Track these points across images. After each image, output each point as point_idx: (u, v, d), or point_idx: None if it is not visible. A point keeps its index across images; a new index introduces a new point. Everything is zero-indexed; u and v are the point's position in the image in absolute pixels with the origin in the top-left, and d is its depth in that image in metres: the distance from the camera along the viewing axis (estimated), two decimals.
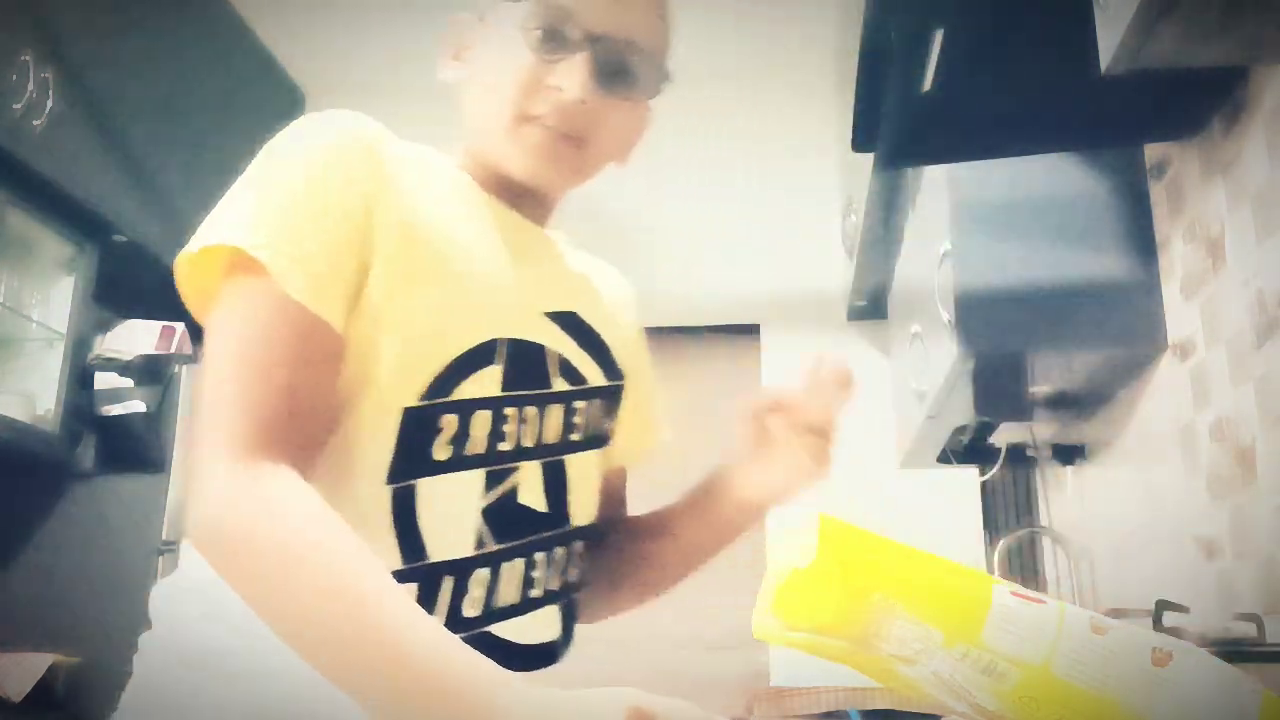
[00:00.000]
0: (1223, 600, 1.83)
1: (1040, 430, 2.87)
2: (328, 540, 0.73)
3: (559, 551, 0.96)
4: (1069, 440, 2.76)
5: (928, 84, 1.83)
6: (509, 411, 0.91)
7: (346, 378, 0.84)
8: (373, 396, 0.84)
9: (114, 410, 2.82)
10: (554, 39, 0.92)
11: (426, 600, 0.83)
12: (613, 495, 1.16)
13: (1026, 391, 2.49)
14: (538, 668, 0.91)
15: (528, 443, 0.93)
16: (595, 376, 1.02)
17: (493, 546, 0.88)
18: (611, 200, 3.82)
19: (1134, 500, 2.32)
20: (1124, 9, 1.25)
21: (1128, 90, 1.73)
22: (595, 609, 1.12)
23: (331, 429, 0.83)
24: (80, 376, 2.79)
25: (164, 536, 2.77)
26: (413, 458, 0.85)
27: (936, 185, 2.31)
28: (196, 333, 3.04)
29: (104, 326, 2.95)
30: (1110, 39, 1.31)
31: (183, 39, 3.13)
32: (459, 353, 0.88)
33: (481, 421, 0.89)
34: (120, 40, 2.83)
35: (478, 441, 0.88)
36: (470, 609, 0.86)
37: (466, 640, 0.70)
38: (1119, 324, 2.10)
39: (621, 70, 0.94)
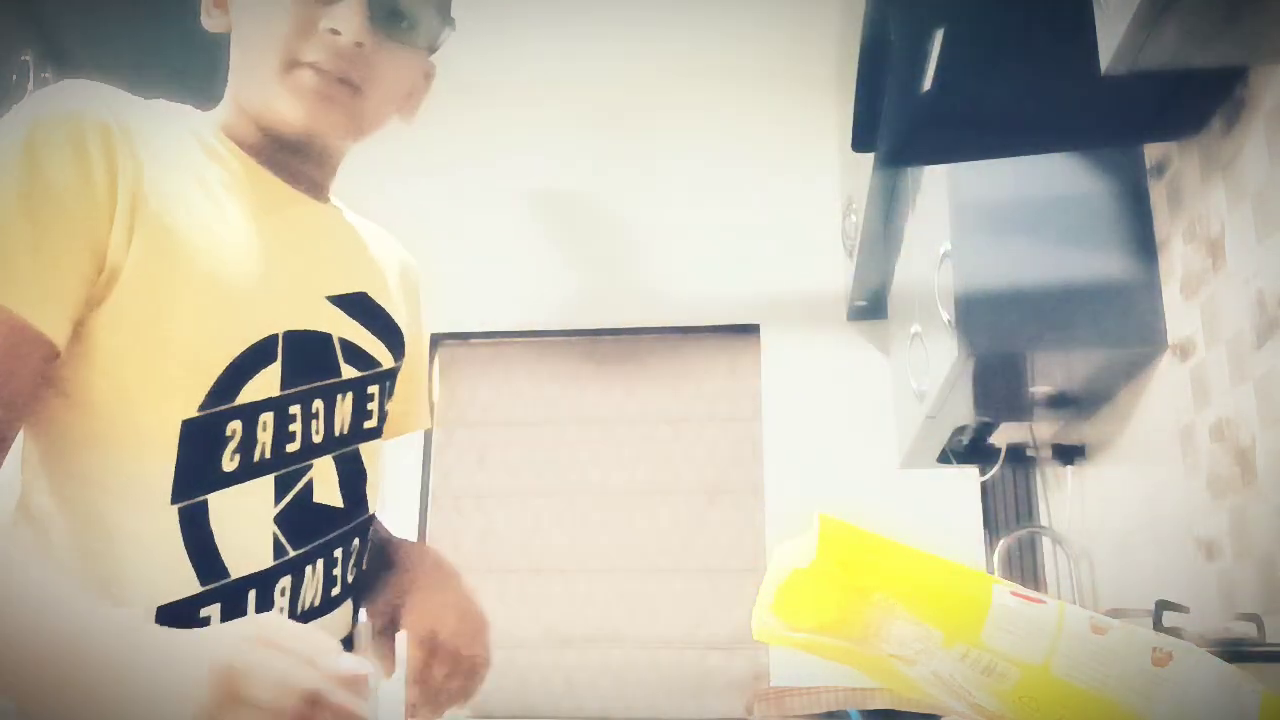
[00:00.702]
0: (1223, 600, 1.83)
1: (1040, 430, 2.87)
2: None
3: (355, 543, 0.93)
4: (1069, 440, 2.76)
5: (928, 84, 1.83)
6: (294, 410, 0.86)
7: (101, 394, 0.78)
8: (141, 411, 0.79)
9: None
10: None
11: (232, 614, 0.80)
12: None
13: (1026, 391, 2.49)
14: None
15: (318, 438, 0.89)
16: (386, 358, 0.98)
17: (292, 552, 0.85)
18: (612, 200, 3.82)
19: (1134, 500, 2.32)
20: (1124, 9, 1.25)
21: (1128, 90, 1.73)
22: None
23: (15, 434, 0.77)
24: None
25: None
26: (199, 472, 0.80)
27: (936, 185, 2.31)
28: None
29: None
30: (1110, 39, 1.31)
31: (183, 39, 3.13)
32: (235, 354, 0.83)
33: (267, 423, 0.84)
34: (120, 41, 2.84)
35: (266, 445, 0.84)
36: None
37: None
38: (1119, 324, 2.10)
39: (398, 14, 0.90)
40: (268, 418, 0.84)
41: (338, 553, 0.90)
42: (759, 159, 3.69)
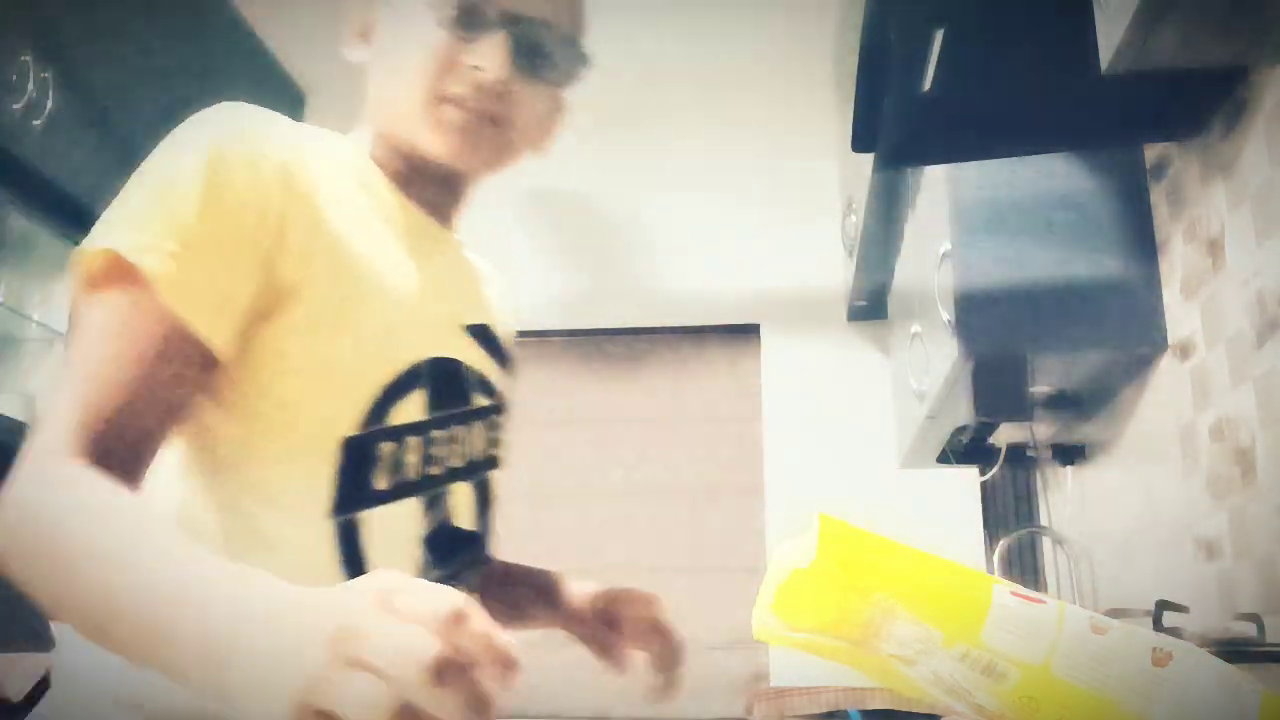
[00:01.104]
0: (1223, 600, 1.83)
1: (1040, 430, 2.87)
2: (116, 529, 0.65)
3: (478, 568, 0.96)
4: (1069, 440, 2.76)
5: (928, 84, 1.83)
6: (437, 434, 0.89)
7: (263, 407, 0.81)
8: (303, 426, 0.81)
9: None
10: (471, 17, 0.89)
11: None
12: None
13: (1026, 392, 2.49)
14: None
15: (457, 464, 0.92)
16: (504, 389, 1.03)
17: (433, 574, 0.87)
18: (610, 201, 3.82)
19: (1134, 500, 2.32)
20: (1124, 9, 1.25)
21: (1128, 90, 1.73)
22: None
23: (167, 437, 0.77)
24: None
25: None
26: (354, 489, 0.82)
27: (936, 185, 2.31)
28: None
29: None
30: (1110, 39, 1.31)
31: (184, 39, 3.13)
32: (392, 376, 0.85)
33: (415, 446, 0.87)
34: (120, 40, 2.84)
35: (412, 467, 0.87)
36: None
37: None
38: (1119, 324, 2.10)
39: (539, 52, 0.92)
40: (415, 441, 0.87)
41: (470, 581, 0.94)
42: (759, 159, 3.69)
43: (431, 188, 0.97)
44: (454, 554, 0.90)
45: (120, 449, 0.73)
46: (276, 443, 0.81)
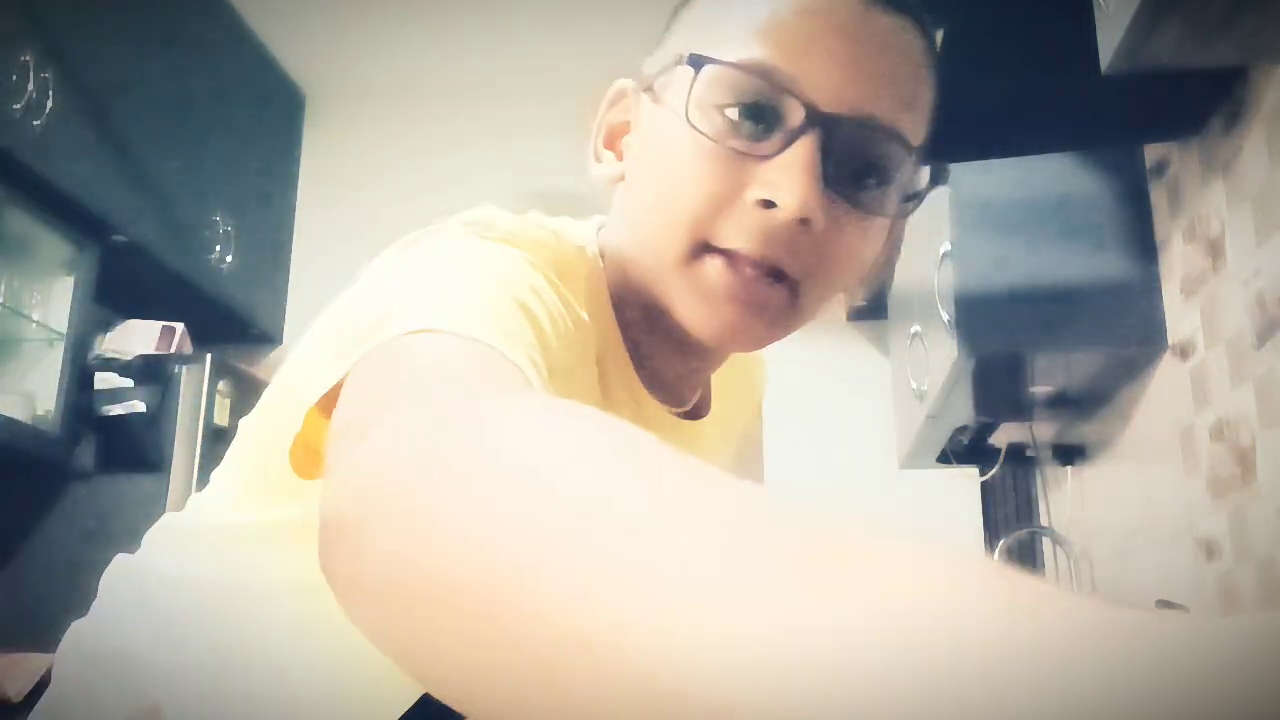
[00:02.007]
0: (1223, 600, 1.83)
1: (1040, 430, 2.87)
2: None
3: None
4: (1069, 440, 2.76)
5: None
6: None
7: None
8: None
9: (114, 410, 2.82)
10: (762, 121, 0.60)
11: None
12: None
13: (1026, 392, 2.49)
14: None
15: None
16: None
17: None
18: (608, 202, 3.82)
19: (1134, 501, 2.32)
20: (1124, 9, 1.25)
21: (1128, 90, 1.73)
22: None
23: None
24: (80, 376, 2.79)
25: None
26: None
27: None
28: (198, 335, 3.05)
29: (104, 326, 2.95)
30: (1110, 39, 1.31)
31: (183, 40, 3.13)
32: None
33: None
34: (120, 40, 2.84)
35: None
36: None
37: None
38: (1119, 324, 2.10)
39: (866, 170, 0.63)
40: None
41: None
42: None
43: (670, 361, 0.70)
44: None
45: None
46: None
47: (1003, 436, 2.87)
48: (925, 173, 0.69)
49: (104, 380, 2.84)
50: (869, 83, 0.61)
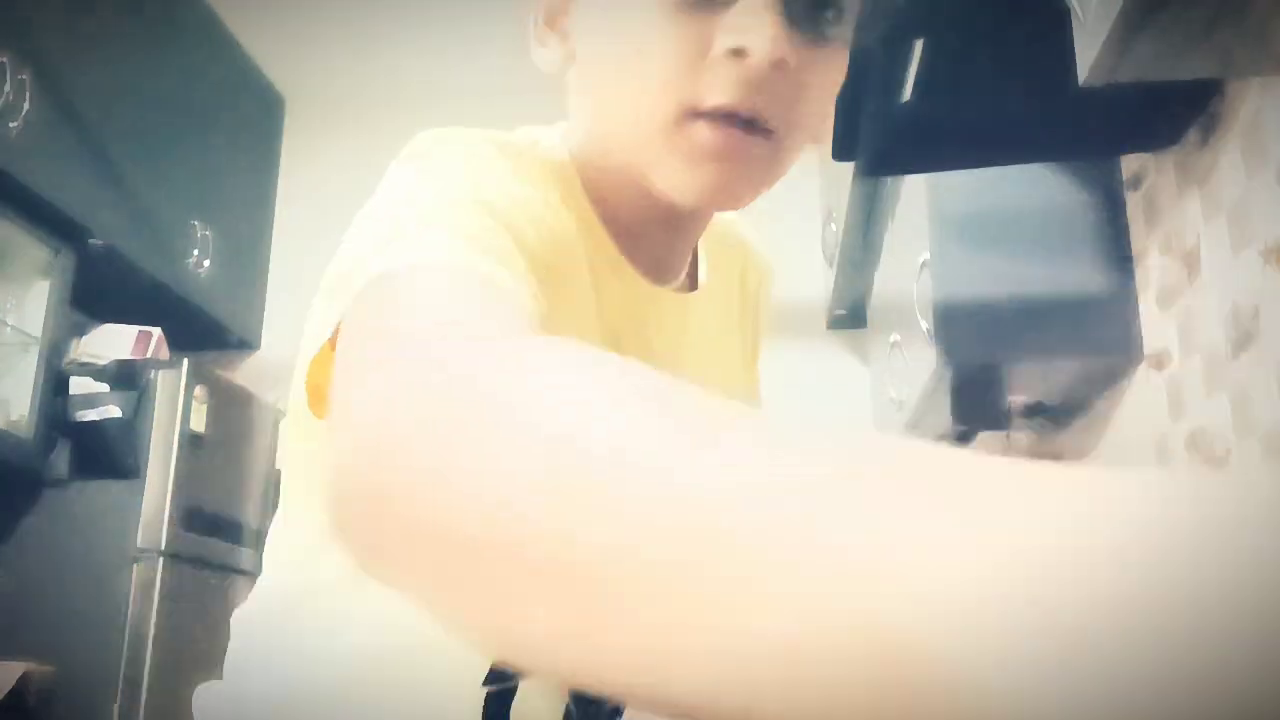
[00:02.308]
0: None
1: (1017, 440, 2.88)
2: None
3: None
4: (1046, 450, 2.77)
5: (907, 94, 1.84)
6: None
7: None
8: None
9: (89, 416, 2.80)
10: None
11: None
12: None
13: (1004, 401, 2.51)
14: None
15: None
16: None
17: None
18: None
19: None
20: (1101, 22, 1.26)
21: (1105, 102, 1.74)
22: None
23: None
24: (55, 382, 2.77)
25: (139, 544, 2.74)
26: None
27: (916, 195, 2.32)
28: (175, 340, 3.03)
29: (79, 331, 2.93)
30: (1088, 52, 1.32)
31: (162, 43, 3.11)
32: None
33: None
34: (98, 44, 2.82)
35: None
36: None
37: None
38: (1095, 335, 2.11)
39: (823, 2, 0.62)
40: None
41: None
42: None
43: (653, 238, 0.70)
44: None
45: None
46: None
47: (980, 446, 2.88)
48: None
49: (79, 385, 2.82)
50: None
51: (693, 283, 0.77)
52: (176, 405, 2.86)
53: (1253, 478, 0.20)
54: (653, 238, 0.70)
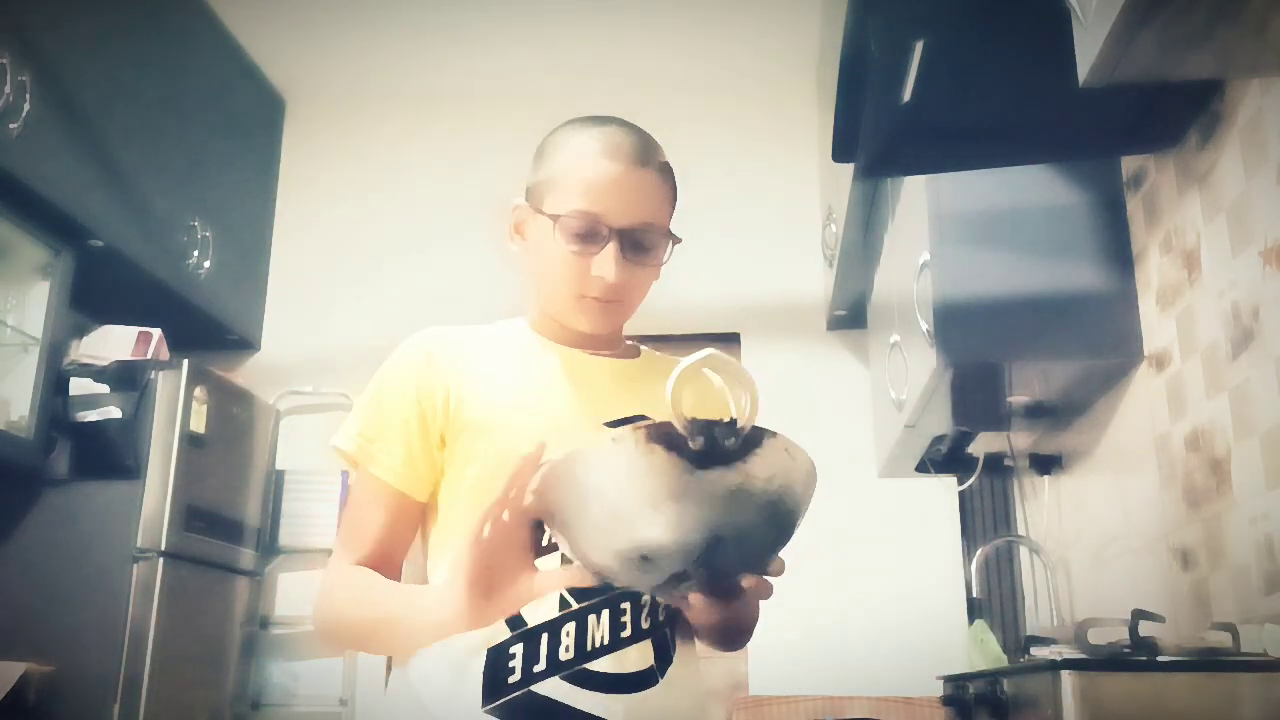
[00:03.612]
0: (1198, 609, 1.84)
1: (1018, 440, 2.88)
2: (366, 594, 1.18)
3: (644, 598, 1.15)
4: (1046, 450, 2.77)
5: (907, 95, 1.84)
6: None
7: (443, 506, 1.21)
8: (465, 512, 1.15)
9: (89, 416, 2.80)
10: (590, 237, 1.18)
11: (531, 654, 1.10)
12: None
13: (1004, 401, 2.51)
14: (634, 690, 1.12)
15: None
16: None
17: (575, 605, 1.12)
18: None
19: (1110, 510, 2.33)
20: (1102, 23, 1.26)
21: (1105, 102, 1.74)
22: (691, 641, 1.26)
23: (405, 555, 1.23)
24: (55, 382, 2.76)
25: (138, 544, 2.74)
26: None
27: (916, 196, 2.32)
28: (175, 341, 3.03)
29: (80, 332, 2.93)
30: (1088, 52, 1.32)
31: (162, 44, 3.11)
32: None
33: None
34: (98, 45, 2.82)
35: None
36: (564, 654, 1.11)
37: (566, 677, 1.09)
38: (1096, 335, 2.11)
39: (641, 248, 1.21)
40: None
41: (624, 604, 1.14)
42: (740, 169, 3.70)
43: (587, 340, 1.28)
44: (595, 591, 1.11)
45: (380, 564, 1.19)
46: (452, 529, 1.19)
47: (980, 446, 2.88)
48: (674, 237, 1.26)
49: (79, 386, 2.82)
50: (637, 206, 1.21)
51: (621, 355, 1.34)
52: (176, 405, 2.86)
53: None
54: (583, 340, 1.29)
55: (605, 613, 1.13)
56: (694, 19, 3.43)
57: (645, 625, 1.15)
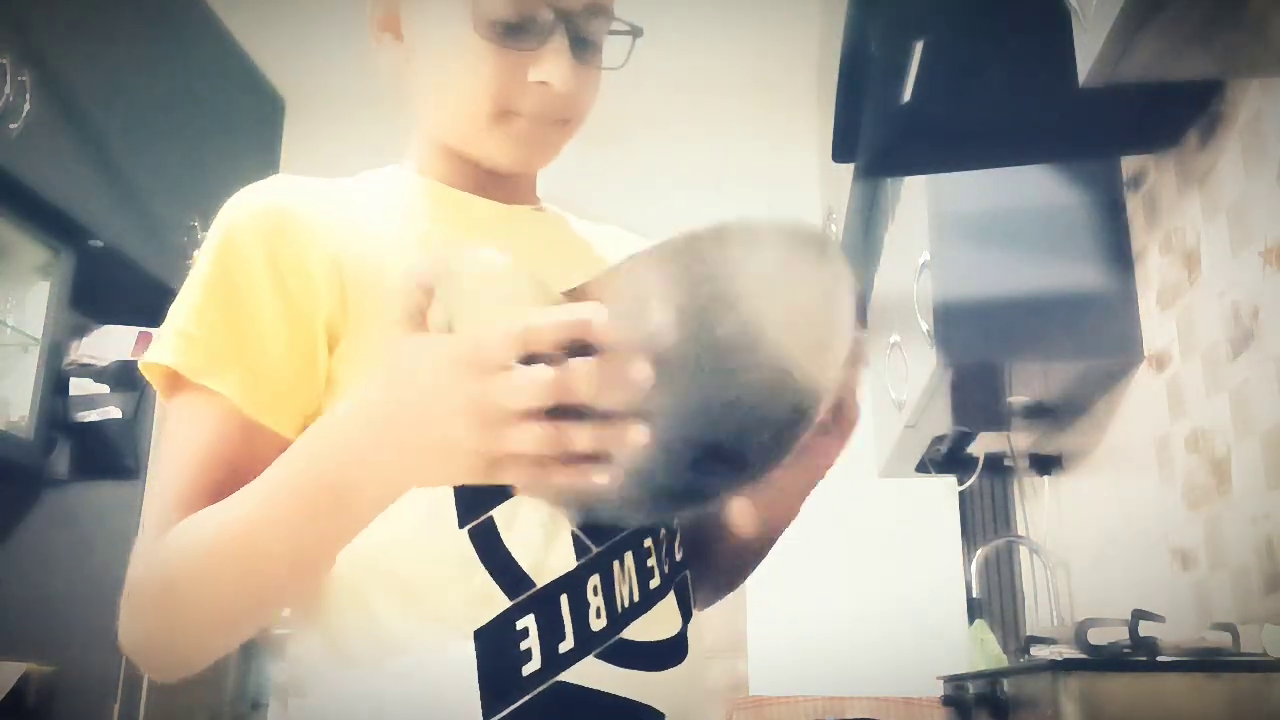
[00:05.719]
0: (1198, 610, 1.84)
1: (1018, 440, 2.88)
2: (197, 545, 0.71)
3: (663, 531, 0.85)
4: (1046, 450, 2.77)
5: (907, 95, 1.84)
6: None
7: None
8: None
9: (89, 416, 2.80)
10: (528, 28, 0.83)
11: (551, 626, 0.74)
12: None
13: (1004, 401, 2.51)
14: (668, 665, 0.80)
15: None
16: None
17: (594, 549, 0.78)
18: (591, 208, 3.82)
19: (1110, 510, 2.33)
20: (1102, 23, 1.26)
21: (1105, 103, 1.74)
22: (701, 590, 0.93)
23: None
24: (55, 382, 2.76)
25: None
26: (478, 490, 0.75)
27: (916, 196, 2.32)
28: None
29: (79, 332, 2.93)
30: (1088, 52, 1.32)
31: (162, 44, 3.11)
32: None
33: None
34: (98, 44, 2.82)
35: None
36: (596, 621, 0.76)
37: (601, 655, 0.74)
38: (1096, 335, 2.11)
39: (589, 43, 0.87)
40: None
41: (647, 542, 0.82)
42: (739, 169, 3.70)
43: (499, 184, 0.92)
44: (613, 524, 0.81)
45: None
46: None
47: (980, 446, 2.88)
48: (614, 23, 0.90)
49: (79, 386, 2.81)
50: None
51: (529, 200, 0.98)
52: None
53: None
54: (492, 183, 0.92)
55: (628, 556, 0.80)
56: (693, 19, 3.43)
57: (667, 569, 0.84)
